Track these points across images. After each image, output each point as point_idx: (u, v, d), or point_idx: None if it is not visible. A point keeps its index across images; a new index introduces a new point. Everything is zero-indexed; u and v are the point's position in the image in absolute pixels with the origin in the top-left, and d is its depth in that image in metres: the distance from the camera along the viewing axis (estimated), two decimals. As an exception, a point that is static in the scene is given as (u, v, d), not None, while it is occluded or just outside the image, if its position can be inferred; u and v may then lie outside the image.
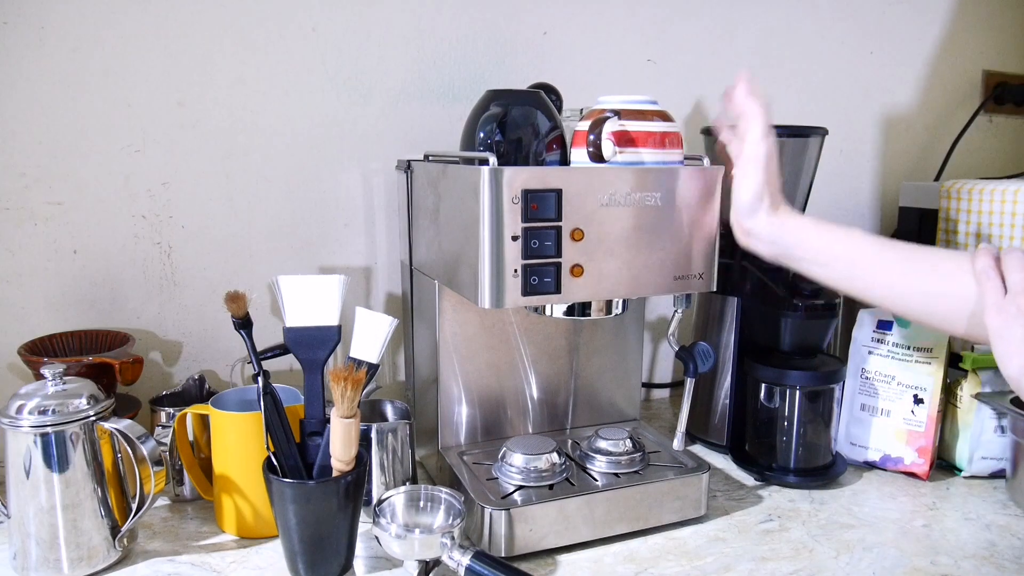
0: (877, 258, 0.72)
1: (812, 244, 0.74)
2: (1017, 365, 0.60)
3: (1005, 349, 0.61)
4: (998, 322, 0.62)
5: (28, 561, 0.69)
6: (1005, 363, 0.61)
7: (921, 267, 0.70)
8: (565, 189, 0.69)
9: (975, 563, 0.75)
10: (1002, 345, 0.61)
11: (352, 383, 0.68)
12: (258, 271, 1.00)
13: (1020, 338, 0.60)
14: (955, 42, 1.42)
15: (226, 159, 0.96)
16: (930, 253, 0.71)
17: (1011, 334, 0.61)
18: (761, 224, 0.75)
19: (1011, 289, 0.63)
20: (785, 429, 0.93)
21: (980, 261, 0.66)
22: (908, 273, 0.70)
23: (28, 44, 0.86)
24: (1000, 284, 0.63)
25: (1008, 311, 0.62)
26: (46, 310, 0.92)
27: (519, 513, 0.74)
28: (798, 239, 0.74)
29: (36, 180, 0.89)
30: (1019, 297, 0.61)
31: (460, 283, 0.75)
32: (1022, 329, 0.60)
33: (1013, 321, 0.61)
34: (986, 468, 0.94)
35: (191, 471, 0.83)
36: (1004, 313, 0.62)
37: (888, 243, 0.72)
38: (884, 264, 0.71)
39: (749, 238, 0.77)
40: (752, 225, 0.75)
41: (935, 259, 0.70)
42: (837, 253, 0.73)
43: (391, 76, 1.02)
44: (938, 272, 0.69)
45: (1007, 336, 0.61)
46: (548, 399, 0.93)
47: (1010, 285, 0.63)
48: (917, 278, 0.70)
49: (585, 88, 1.09)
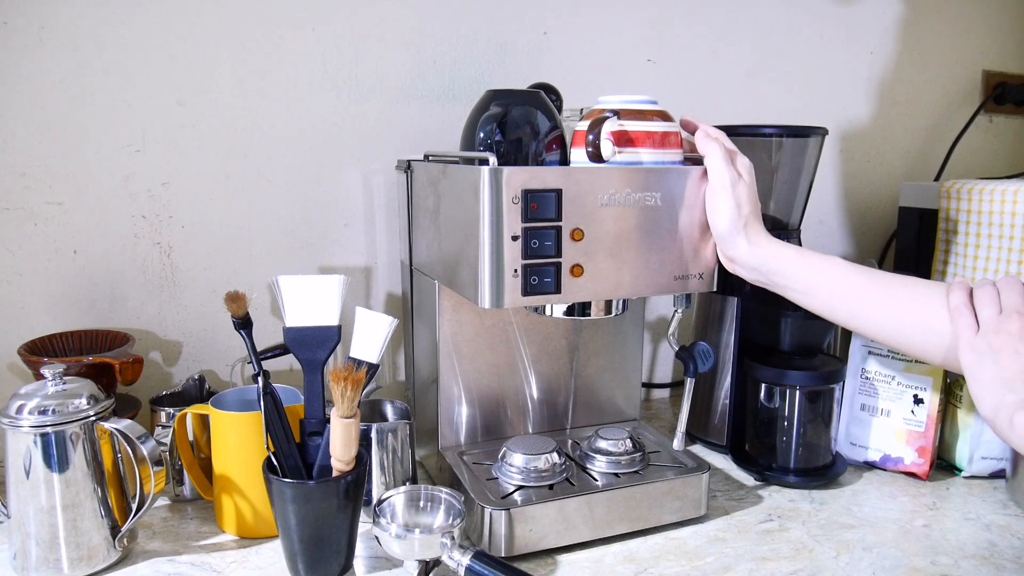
0: (856, 289, 0.72)
1: (792, 273, 0.74)
2: (991, 404, 0.59)
3: (978, 388, 0.61)
4: (970, 359, 0.62)
5: (28, 561, 0.69)
6: (980, 402, 0.60)
7: (899, 299, 0.70)
8: (565, 189, 0.69)
9: (975, 563, 0.75)
10: (975, 384, 0.61)
11: (352, 383, 0.68)
12: (258, 271, 1.00)
13: (992, 376, 0.60)
14: (955, 42, 1.42)
15: (226, 159, 0.96)
16: (910, 285, 0.71)
17: (983, 372, 0.60)
18: (742, 252, 0.75)
19: (983, 326, 0.62)
20: (785, 429, 0.93)
21: (954, 297, 0.66)
22: (887, 304, 0.71)
23: (28, 44, 0.86)
24: (973, 320, 0.63)
25: (979, 348, 0.61)
26: (46, 310, 0.92)
27: (519, 513, 0.74)
28: (778, 267, 0.75)
29: (36, 180, 0.89)
30: (989, 335, 0.61)
31: (460, 283, 0.75)
32: (994, 367, 0.60)
33: (985, 358, 0.61)
34: (986, 468, 0.94)
35: (191, 471, 0.83)
36: (976, 351, 0.62)
37: (868, 273, 0.73)
38: (863, 295, 0.72)
39: (733, 265, 0.77)
40: (733, 253, 0.75)
41: (913, 291, 0.70)
42: (817, 283, 0.74)
43: (391, 76, 1.02)
44: (915, 305, 0.69)
45: (979, 374, 0.61)
46: (548, 399, 0.93)
47: (981, 322, 0.63)
48: (895, 310, 0.70)
49: (585, 88, 1.09)
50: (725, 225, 0.74)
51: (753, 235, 0.75)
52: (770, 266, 0.75)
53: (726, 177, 0.74)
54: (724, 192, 0.74)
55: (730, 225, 0.74)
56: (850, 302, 0.73)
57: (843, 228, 1.37)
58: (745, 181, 0.75)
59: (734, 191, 0.74)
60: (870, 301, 0.71)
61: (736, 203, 0.74)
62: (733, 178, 0.74)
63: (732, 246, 0.75)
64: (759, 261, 0.75)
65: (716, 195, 0.74)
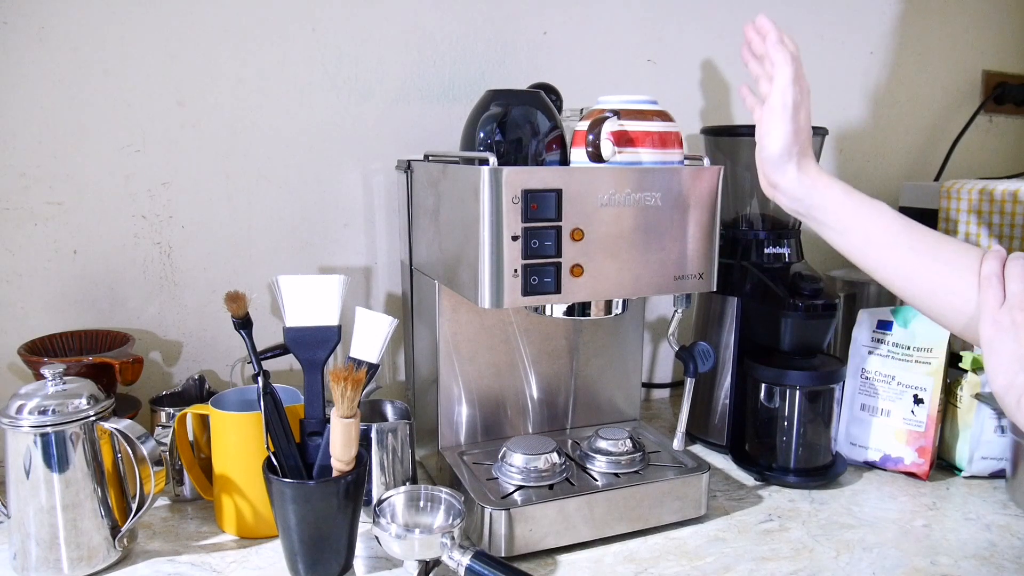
0: (894, 237, 0.69)
1: (836, 210, 0.71)
2: (1004, 380, 0.58)
3: (995, 362, 0.59)
4: (991, 332, 0.60)
5: (28, 561, 0.69)
6: (993, 377, 0.59)
7: (933, 256, 0.67)
8: (565, 189, 0.69)
9: (975, 563, 0.75)
10: (993, 358, 0.60)
11: (352, 383, 0.68)
12: (258, 271, 1.00)
13: (1011, 352, 0.58)
14: (955, 42, 1.42)
15: (226, 159, 0.96)
16: (947, 244, 0.68)
17: (1002, 347, 0.59)
18: (789, 180, 0.72)
19: (1008, 300, 0.60)
20: (785, 429, 0.93)
21: (987, 265, 0.63)
22: (919, 259, 0.68)
23: (28, 44, 0.86)
24: (1000, 293, 0.61)
25: (1002, 323, 0.60)
26: (46, 310, 0.92)
27: (519, 513, 0.74)
28: (823, 202, 0.72)
29: (36, 180, 0.89)
30: (1015, 310, 0.59)
31: (460, 283, 0.75)
32: (1014, 343, 0.58)
33: (1005, 334, 0.59)
34: (986, 468, 0.94)
35: (191, 471, 0.83)
36: (997, 325, 0.60)
37: (909, 225, 0.69)
38: (898, 244, 0.69)
39: (775, 191, 0.74)
40: (779, 179, 0.72)
41: (949, 251, 0.67)
42: (857, 224, 0.71)
43: (391, 76, 1.02)
44: (948, 265, 0.66)
45: (998, 349, 0.59)
46: (548, 399, 0.93)
47: (1008, 295, 0.61)
48: (926, 266, 0.67)
49: (585, 88, 1.09)
50: (779, 147, 0.71)
51: (804, 163, 0.72)
52: (814, 199, 0.72)
53: (790, 96, 0.70)
54: (785, 112, 0.70)
55: (784, 148, 0.71)
56: (884, 249, 0.69)
57: (843, 228, 1.37)
58: (806, 106, 0.72)
59: (796, 114, 0.71)
60: (904, 252, 0.68)
61: (796, 127, 0.71)
62: (797, 99, 0.70)
63: (780, 171, 0.72)
64: (805, 192, 0.72)
65: (775, 114, 0.71)
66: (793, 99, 0.70)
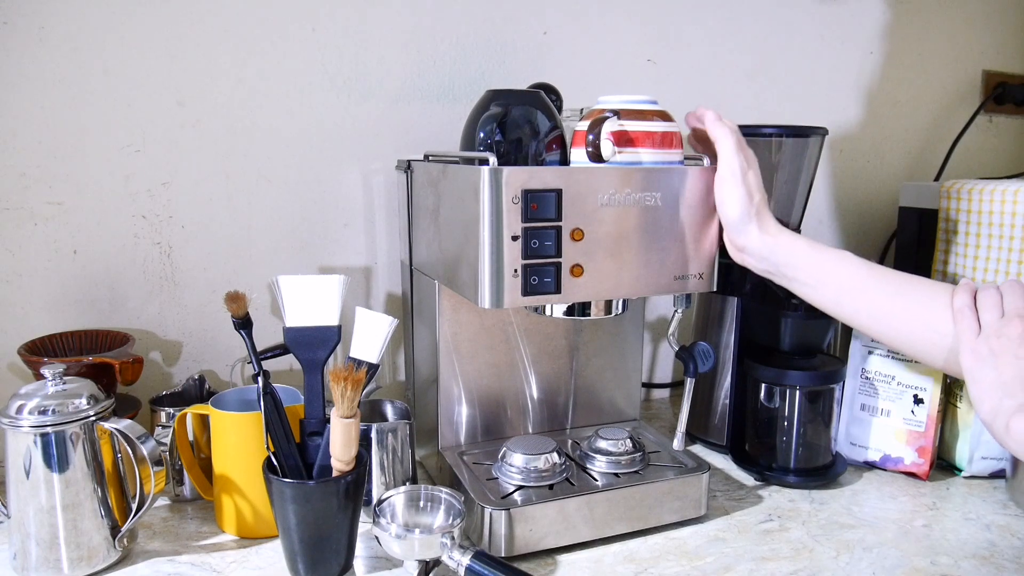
0: (865, 284, 0.72)
1: (803, 264, 0.74)
2: (989, 407, 0.59)
3: (978, 391, 0.61)
4: (971, 362, 0.62)
5: (28, 561, 0.69)
6: (978, 405, 0.60)
7: (905, 299, 0.70)
8: (565, 189, 0.69)
9: (975, 563, 0.75)
10: (975, 387, 0.61)
11: (352, 383, 0.68)
12: (258, 271, 1.00)
13: (992, 380, 0.60)
14: (955, 42, 1.42)
15: (226, 159, 0.96)
16: (916, 285, 0.70)
17: (983, 375, 0.61)
18: (753, 240, 0.74)
19: (984, 330, 0.62)
20: (785, 429, 0.93)
21: (958, 299, 0.66)
22: (892, 300, 0.70)
23: (28, 44, 0.86)
24: (975, 324, 0.63)
25: (980, 352, 0.61)
26: (46, 310, 0.92)
27: (519, 513, 0.74)
28: (789, 258, 0.74)
29: (36, 180, 0.89)
30: (991, 339, 0.61)
31: (460, 283, 0.75)
32: (994, 371, 0.60)
33: (984, 363, 0.61)
34: (986, 468, 0.94)
35: (191, 471, 0.83)
36: (976, 354, 0.62)
37: (878, 270, 0.72)
38: (869, 288, 0.71)
39: (742, 254, 0.76)
40: (745, 242, 0.75)
41: (920, 291, 0.70)
42: (827, 275, 0.73)
43: (391, 76, 1.02)
44: (921, 304, 0.69)
45: (979, 377, 0.61)
46: (548, 399, 0.93)
47: (984, 325, 0.63)
48: (902, 306, 0.70)
49: (585, 88, 1.09)
50: (737, 212, 0.73)
51: (764, 223, 0.74)
52: (780, 256, 0.74)
53: (736, 164, 0.73)
54: (735, 179, 0.73)
55: (742, 212, 0.73)
56: (858, 297, 0.72)
57: (843, 228, 1.37)
58: (754, 170, 0.74)
59: (745, 178, 0.73)
60: (878, 298, 0.71)
61: (748, 190, 0.73)
62: (743, 165, 0.73)
63: (743, 234, 0.74)
64: (770, 250, 0.74)
65: (726, 182, 0.73)
66: (740, 165, 0.73)
